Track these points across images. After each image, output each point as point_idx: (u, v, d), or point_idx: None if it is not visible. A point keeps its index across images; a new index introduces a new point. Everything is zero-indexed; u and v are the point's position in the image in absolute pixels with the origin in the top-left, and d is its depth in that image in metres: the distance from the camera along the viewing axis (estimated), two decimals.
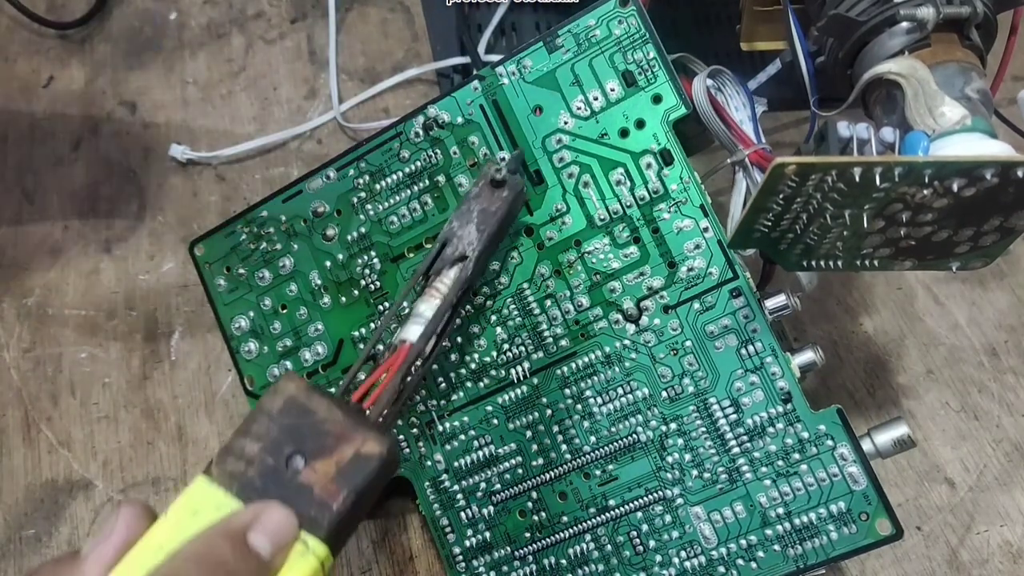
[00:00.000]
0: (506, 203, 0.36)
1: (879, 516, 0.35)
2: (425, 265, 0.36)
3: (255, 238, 0.43)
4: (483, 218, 0.36)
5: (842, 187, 0.30)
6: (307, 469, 0.29)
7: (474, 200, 0.36)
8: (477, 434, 0.40)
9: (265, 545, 0.27)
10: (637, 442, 0.38)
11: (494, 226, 0.36)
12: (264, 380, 0.43)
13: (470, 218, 0.36)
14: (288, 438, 0.30)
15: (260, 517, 0.28)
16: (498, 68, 0.39)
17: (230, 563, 0.26)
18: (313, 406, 0.30)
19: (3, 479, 0.48)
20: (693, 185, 0.37)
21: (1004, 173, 0.29)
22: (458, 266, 0.36)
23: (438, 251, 0.36)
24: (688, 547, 0.37)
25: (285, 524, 0.28)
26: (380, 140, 0.41)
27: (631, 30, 0.37)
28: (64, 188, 0.56)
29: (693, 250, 0.37)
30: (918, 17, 0.34)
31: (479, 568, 0.40)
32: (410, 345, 0.34)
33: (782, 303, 0.36)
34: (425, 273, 0.36)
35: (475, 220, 0.36)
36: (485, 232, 0.36)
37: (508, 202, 0.36)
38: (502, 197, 0.36)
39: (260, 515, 0.28)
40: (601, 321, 0.38)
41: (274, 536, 0.27)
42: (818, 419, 0.36)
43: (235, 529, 0.27)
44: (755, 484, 0.37)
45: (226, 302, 0.43)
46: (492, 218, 0.36)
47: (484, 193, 0.36)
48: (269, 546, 0.27)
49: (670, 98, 0.37)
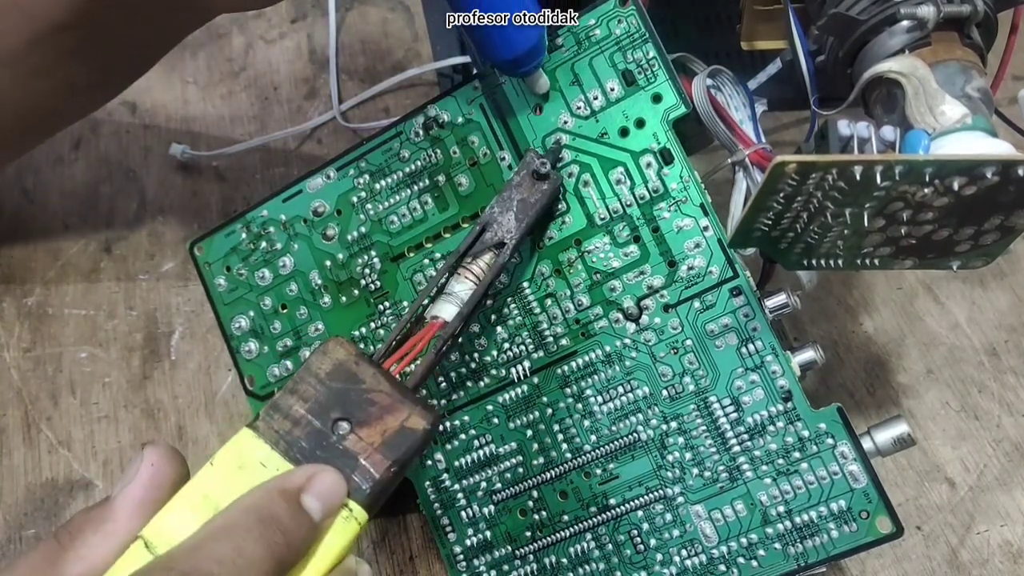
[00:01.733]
0: (545, 196, 0.36)
1: (879, 514, 0.35)
2: (464, 246, 0.36)
3: (255, 238, 0.43)
4: (522, 208, 0.36)
5: (842, 186, 0.30)
6: (352, 436, 0.30)
7: (515, 188, 0.36)
8: (477, 433, 0.40)
9: (317, 508, 0.28)
10: (638, 441, 0.38)
11: (532, 217, 0.36)
12: (264, 380, 0.43)
13: (510, 206, 0.36)
14: (335, 403, 0.30)
15: (313, 480, 0.28)
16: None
17: (284, 521, 0.27)
18: (361, 373, 0.31)
19: (3, 479, 0.48)
20: (693, 184, 0.37)
21: (1005, 172, 0.29)
22: (494, 252, 0.36)
23: (478, 234, 0.36)
24: (689, 545, 0.37)
25: (337, 489, 0.29)
26: (380, 140, 0.41)
27: (631, 29, 0.37)
28: (64, 187, 0.56)
29: (693, 249, 0.37)
30: (918, 16, 0.34)
31: (480, 567, 0.40)
32: (443, 322, 0.35)
33: (782, 302, 0.36)
34: (463, 254, 0.36)
35: (515, 209, 0.36)
36: (524, 222, 0.36)
37: (547, 195, 0.36)
38: (542, 190, 0.36)
39: (313, 478, 0.28)
40: (601, 320, 0.38)
41: (326, 500, 0.28)
42: (818, 417, 0.36)
43: (291, 489, 0.28)
44: (756, 482, 0.36)
45: (226, 302, 0.43)
46: (531, 209, 0.36)
47: (525, 183, 0.37)
48: (320, 509, 0.28)
49: (670, 97, 0.37)
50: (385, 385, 0.31)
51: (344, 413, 0.30)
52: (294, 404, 0.30)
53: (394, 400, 0.31)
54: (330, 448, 0.30)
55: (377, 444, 0.30)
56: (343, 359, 0.31)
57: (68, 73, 0.42)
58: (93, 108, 0.48)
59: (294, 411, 0.30)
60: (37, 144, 0.51)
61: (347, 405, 0.30)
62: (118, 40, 0.41)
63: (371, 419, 0.30)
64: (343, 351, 0.31)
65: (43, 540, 0.28)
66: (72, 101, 0.45)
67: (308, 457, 0.29)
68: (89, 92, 0.45)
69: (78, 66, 0.41)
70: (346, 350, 0.31)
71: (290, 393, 0.31)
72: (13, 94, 0.42)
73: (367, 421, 0.30)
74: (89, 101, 0.47)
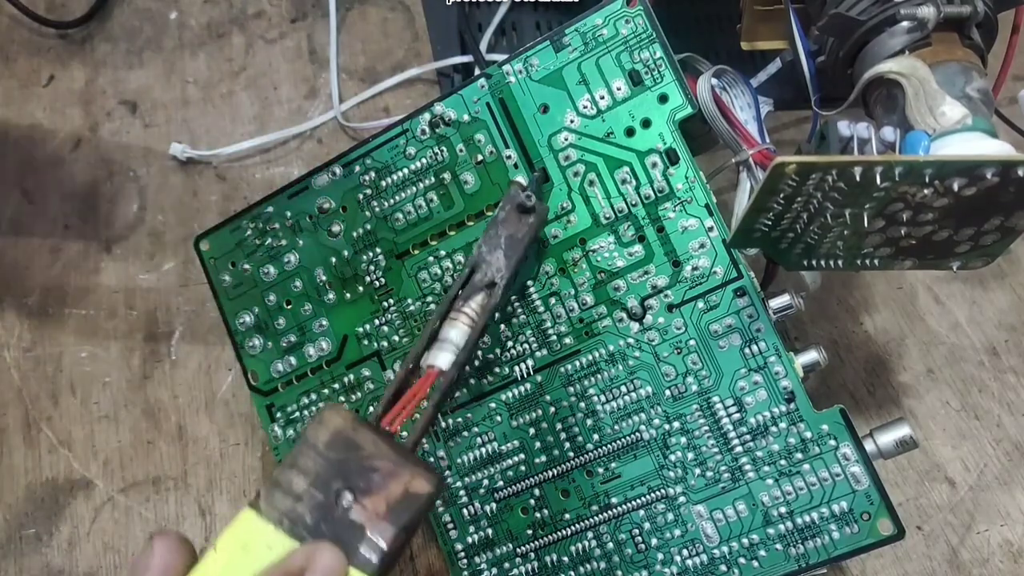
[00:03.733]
0: (532, 229, 0.36)
1: (881, 516, 0.35)
2: (455, 290, 0.36)
3: (260, 234, 0.43)
4: (510, 244, 0.36)
5: (842, 186, 0.30)
6: (357, 506, 0.29)
7: (501, 225, 0.36)
8: (480, 431, 0.40)
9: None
10: (640, 440, 0.38)
11: (521, 252, 0.36)
12: (268, 375, 0.43)
13: (498, 243, 0.36)
14: (336, 473, 0.30)
15: (313, 559, 0.28)
16: (505, 66, 0.39)
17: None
18: (360, 440, 0.30)
19: (3, 478, 0.48)
20: (698, 184, 0.37)
21: (1005, 172, 0.29)
22: (486, 292, 0.36)
23: (467, 276, 0.36)
24: (690, 545, 0.37)
25: (337, 566, 0.28)
26: (386, 137, 0.41)
27: (638, 30, 0.37)
28: (64, 188, 0.56)
29: (698, 249, 0.37)
30: (919, 16, 0.34)
31: (481, 564, 0.40)
32: (439, 371, 0.34)
33: (786, 303, 0.36)
34: (454, 298, 0.36)
35: (503, 247, 0.36)
36: (513, 259, 0.36)
37: (534, 228, 0.36)
38: (528, 223, 0.36)
39: (312, 557, 0.28)
40: (605, 319, 0.38)
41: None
42: (821, 419, 0.36)
43: (294, 571, 0.28)
44: (757, 483, 0.37)
45: (231, 297, 0.43)
46: (519, 244, 0.36)
47: (511, 218, 0.36)
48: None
49: (676, 98, 0.37)
50: (385, 450, 0.30)
51: (346, 483, 0.30)
52: (295, 479, 0.30)
53: (396, 465, 0.30)
54: (335, 521, 0.29)
55: (383, 512, 0.29)
56: (340, 427, 0.31)
57: None
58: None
59: (295, 486, 0.30)
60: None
61: (349, 475, 0.30)
62: None
63: (374, 488, 0.30)
64: (339, 419, 0.31)
65: None
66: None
67: (313, 532, 0.29)
68: None
69: None
70: (342, 417, 0.31)
71: (290, 468, 0.30)
72: None
73: (370, 490, 0.30)
74: None
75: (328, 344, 0.42)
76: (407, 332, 0.41)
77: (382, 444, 0.30)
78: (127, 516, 0.47)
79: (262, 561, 0.28)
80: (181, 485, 0.48)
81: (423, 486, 0.30)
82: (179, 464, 0.49)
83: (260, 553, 0.28)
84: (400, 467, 0.30)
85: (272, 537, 0.29)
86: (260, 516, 0.29)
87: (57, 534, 0.47)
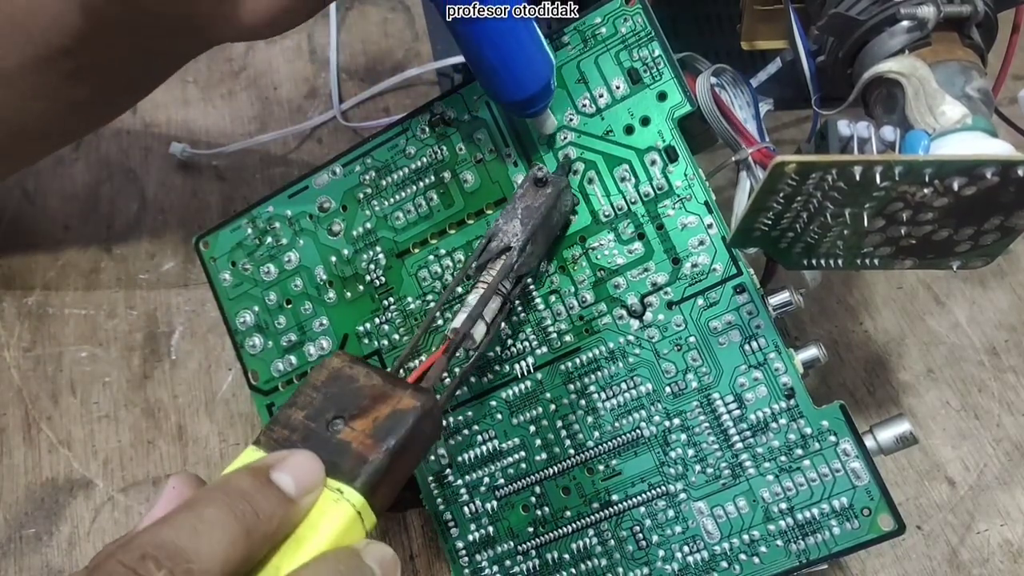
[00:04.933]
0: (550, 199, 0.36)
1: (881, 512, 0.35)
2: (472, 259, 0.36)
3: (261, 233, 0.43)
4: (527, 213, 0.36)
5: (842, 186, 0.30)
6: (346, 428, 0.30)
7: (519, 199, 0.37)
8: (481, 429, 0.40)
9: (288, 481, 0.28)
10: (640, 437, 0.38)
11: (538, 219, 0.36)
12: (268, 375, 0.43)
13: (515, 215, 0.36)
14: (331, 405, 0.31)
15: (284, 459, 0.28)
16: None
17: (250, 492, 0.27)
18: (354, 374, 0.31)
19: (3, 478, 0.48)
20: (697, 182, 0.37)
21: (1004, 172, 0.29)
22: (503, 257, 0.36)
23: (484, 245, 0.36)
24: (691, 542, 0.37)
25: (308, 465, 0.29)
26: (386, 136, 0.41)
27: (636, 28, 0.38)
28: (65, 188, 0.56)
29: (697, 246, 0.37)
30: (919, 16, 0.34)
31: (482, 562, 0.40)
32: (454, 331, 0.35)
33: (786, 300, 0.36)
34: (473, 268, 0.36)
35: (519, 216, 0.36)
36: (529, 224, 0.36)
37: (552, 197, 0.36)
38: (545, 194, 0.36)
39: (284, 458, 0.29)
40: (605, 317, 0.38)
41: (298, 476, 0.28)
42: (821, 415, 0.36)
43: (259, 467, 0.28)
44: (758, 479, 0.37)
45: (231, 296, 0.43)
46: (536, 212, 0.36)
47: (528, 192, 0.37)
48: (292, 484, 0.28)
49: (675, 95, 0.37)
50: (377, 379, 0.31)
51: (339, 412, 0.30)
52: (293, 414, 0.31)
53: (385, 389, 0.31)
54: (325, 444, 0.30)
55: (369, 430, 0.30)
56: (338, 365, 0.32)
57: (68, 94, 0.42)
58: (93, 128, 0.48)
59: (293, 419, 0.31)
60: (35, 161, 0.52)
61: (342, 404, 0.31)
62: (119, 63, 0.41)
63: (363, 411, 0.30)
64: (339, 360, 0.32)
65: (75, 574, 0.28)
66: (71, 121, 0.45)
67: None
68: (89, 112, 0.45)
69: (78, 87, 0.42)
70: (341, 359, 0.32)
71: (289, 406, 0.31)
72: (11, 113, 0.42)
73: (359, 413, 0.30)
74: (88, 121, 0.47)
75: (328, 343, 0.42)
76: (407, 331, 0.41)
77: (374, 375, 0.31)
78: (127, 516, 0.47)
79: None
80: None
81: (409, 403, 0.30)
82: (179, 464, 0.49)
83: None
84: (390, 390, 0.31)
85: None
86: (259, 449, 0.30)
87: (57, 534, 0.47)
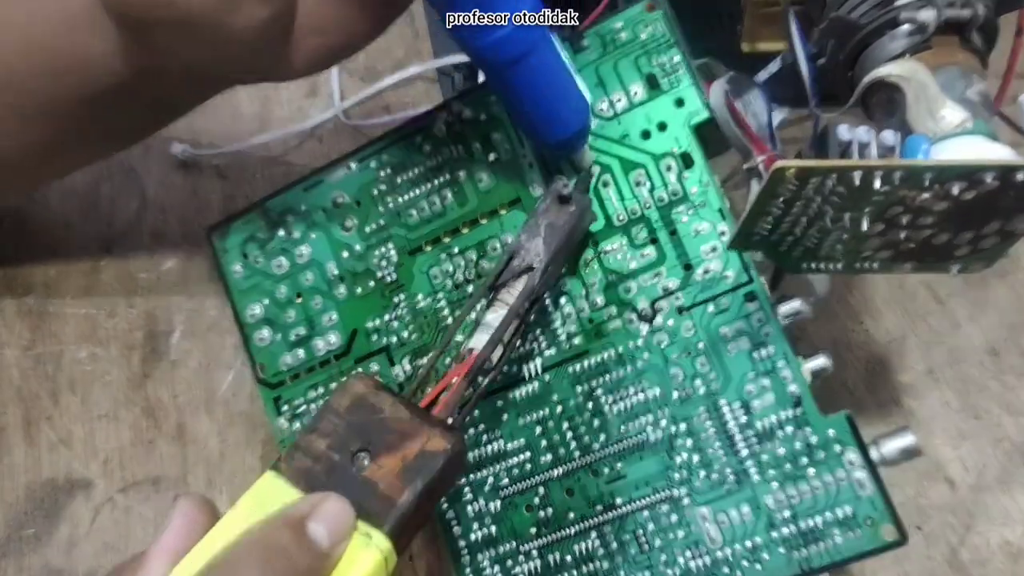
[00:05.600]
0: (573, 217, 0.36)
1: (884, 522, 0.35)
2: (493, 277, 0.36)
3: (273, 226, 0.43)
4: (550, 232, 0.36)
5: (842, 190, 0.30)
6: (372, 465, 0.30)
7: (541, 215, 0.36)
8: (486, 428, 0.40)
9: (323, 534, 0.28)
10: (646, 441, 0.38)
11: (561, 239, 0.36)
12: (276, 368, 0.43)
13: (537, 232, 0.36)
14: (355, 435, 0.30)
15: (317, 507, 0.28)
16: None
17: (291, 550, 0.27)
18: (380, 403, 0.31)
19: (3, 477, 0.49)
20: (712, 189, 0.37)
21: (1004, 177, 0.29)
22: (525, 277, 0.36)
23: (505, 263, 0.36)
24: (693, 547, 0.37)
25: (342, 514, 0.28)
26: (403, 133, 0.41)
27: (657, 34, 0.38)
28: (64, 187, 0.56)
29: (710, 253, 0.37)
30: (919, 20, 0.34)
31: (484, 562, 0.40)
32: (477, 353, 0.34)
33: (796, 308, 0.36)
34: (492, 285, 0.36)
35: (542, 234, 0.36)
36: (552, 244, 0.36)
37: (575, 217, 0.36)
38: (568, 212, 0.36)
39: (317, 505, 0.28)
40: (615, 320, 0.38)
41: (331, 525, 0.28)
42: (827, 424, 0.36)
43: (294, 517, 0.28)
44: (762, 486, 0.36)
45: (241, 289, 0.43)
46: (559, 232, 0.36)
47: (552, 208, 0.36)
48: (327, 535, 0.28)
49: (693, 102, 0.37)
50: (403, 412, 0.30)
51: (364, 444, 0.30)
52: (314, 441, 0.30)
53: (413, 427, 0.30)
54: (350, 480, 0.29)
55: (397, 471, 0.29)
56: (362, 392, 0.31)
57: (106, 125, 0.42)
58: (119, 150, 0.49)
59: (315, 448, 0.30)
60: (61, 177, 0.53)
61: (366, 436, 0.30)
62: (159, 97, 0.42)
63: (391, 447, 0.30)
64: (362, 385, 0.31)
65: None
66: (103, 146, 0.46)
67: (327, 490, 0.29)
68: (120, 139, 0.46)
69: (117, 118, 0.42)
70: (365, 384, 0.31)
71: (310, 432, 0.30)
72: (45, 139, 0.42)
73: (387, 449, 0.30)
74: (117, 147, 0.48)
75: (337, 338, 0.42)
76: (416, 328, 0.41)
77: (401, 407, 0.31)
78: (127, 516, 0.48)
79: None
80: (181, 485, 0.48)
81: (439, 444, 0.30)
82: (179, 463, 0.49)
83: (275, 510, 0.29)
84: (417, 427, 0.30)
85: (289, 496, 0.29)
86: (280, 476, 0.30)
87: (57, 534, 0.47)
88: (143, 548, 0.46)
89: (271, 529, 0.28)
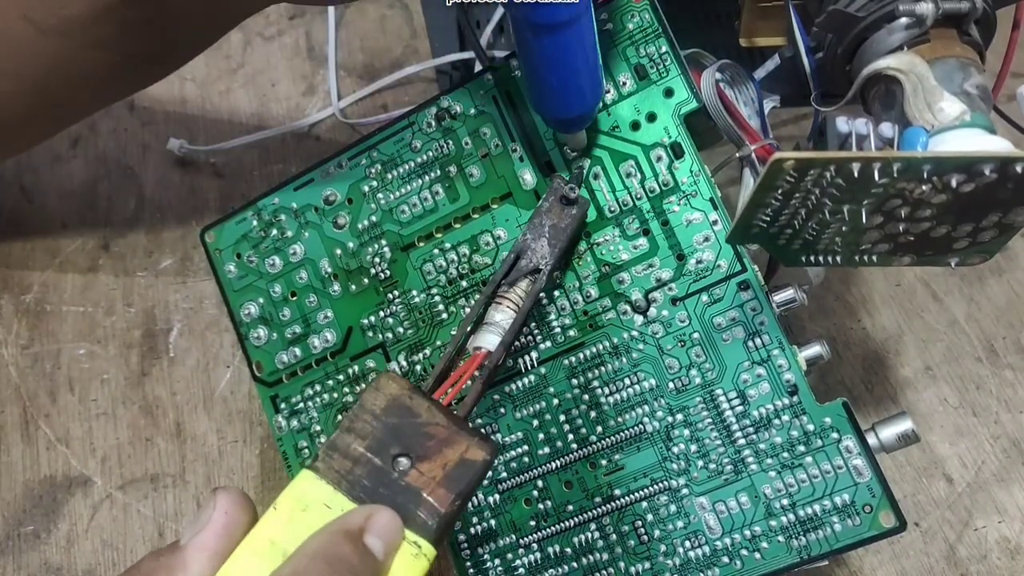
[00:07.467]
0: (575, 220, 0.37)
1: (883, 508, 0.35)
2: (500, 275, 0.36)
3: (266, 225, 0.43)
4: (554, 233, 0.36)
5: (840, 183, 0.30)
6: (414, 471, 0.30)
7: (545, 215, 0.37)
8: (484, 423, 0.40)
9: (379, 547, 0.28)
10: (643, 432, 0.38)
11: (566, 241, 0.36)
12: (272, 366, 0.43)
13: (542, 232, 0.36)
14: (393, 438, 0.31)
15: (372, 519, 0.28)
16: (512, 60, 0.39)
17: (353, 562, 0.27)
18: (415, 407, 0.31)
19: (1, 476, 0.48)
20: (703, 178, 0.37)
21: (1003, 169, 0.29)
22: (531, 278, 0.36)
23: (512, 262, 0.36)
24: (692, 537, 0.37)
25: (394, 527, 0.29)
26: (393, 130, 0.41)
27: (644, 24, 0.38)
28: (63, 186, 0.56)
29: (702, 243, 0.37)
30: (917, 13, 0.34)
31: (484, 555, 0.40)
32: (487, 352, 0.35)
33: (790, 297, 0.36)
34: (499, 283, 0.36)
35: (547, 235, 0.36)
36: (556, 247, 0.36)
37: (578, 220, 0.37)
38: (571, 214, 0.37)
39: (372, 517, 0.28)
40: (609, 312, 0.38)
41: (385, 538, 0.28)
42: (824, 412, 0.36)
43: (353, 529, 0.28)
44: (760, 475, 0.37)
45: (236, 288, 0.43)
46: (563, 234, 0.36)
47: (554, 208, 0.37)
48: (382, 548, 0.28)
49: (682, 92, 0.37)
50: (441, 418, 0.31)
51: (403, 448, 0.30)
52: (352, 443, 0.30)
53: (451, 432, 0.31)
54: (393, 485, 0.30)
55: (439, 478, 0.30)
56: (396, 394, 0.31)
57: (128, 47, 0.41)
58: (147, 83, 0.47)
59: (353, 450, 0.30)
60: (87, 115, 0.52)
61: (405, 440, 0.30)
62: (179, 17, 0.41)
63: (431, 453, 0.30)
64: (395, 386, 0.31)
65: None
66: (128, 74, 0.45)
67: (371, 495, 0.29)
68: (145, 67, 0.45)
69: (138, 40, 0.41)
70: (398, 385, 0.31)
71: (347, 431, 0.31)
72: (71, 64, 0.41)
73: (427, 455, 0.30)
74: (144, 76, 0.47)
75: (332, 335, 0.42)
76: (412, 324, 0.41)
77: (437, 412, 0.31)
78: (125, 513, 0.48)
79: (322, 520, 0.29)
80: (179, 482, 0.48)
81: (479, 454, 0.30)
82: (177, 461, 0.49)
83: (320, 512, 0.29)
84: (456, 434, 0.31)
85: (331, 498, 0.29)
86: (319, 477, 0.30)
87: (55, 531, 0.47)
88: (142, 545, 0.47)
89: (333, 541, 0.28)
